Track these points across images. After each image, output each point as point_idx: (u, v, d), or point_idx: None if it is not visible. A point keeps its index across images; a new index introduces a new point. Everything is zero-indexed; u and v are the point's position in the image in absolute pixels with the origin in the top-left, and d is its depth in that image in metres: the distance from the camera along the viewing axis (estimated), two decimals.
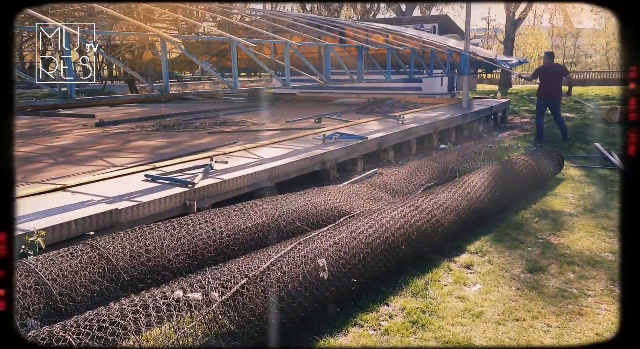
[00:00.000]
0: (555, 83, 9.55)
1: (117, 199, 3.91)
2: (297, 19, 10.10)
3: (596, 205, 5.34)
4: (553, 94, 9.54)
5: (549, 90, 9.52)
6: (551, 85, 9.49)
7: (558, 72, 9.76)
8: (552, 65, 9.77)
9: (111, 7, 9.18)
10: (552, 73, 9.57)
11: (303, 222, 3.75)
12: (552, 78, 9.52)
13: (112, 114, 11.09)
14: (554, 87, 9.54)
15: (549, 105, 9.64)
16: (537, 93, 10.00)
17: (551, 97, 9.54)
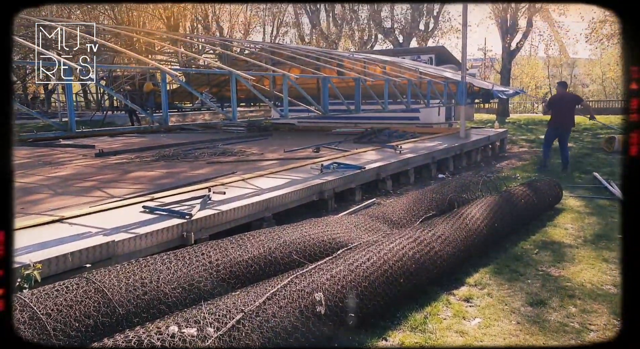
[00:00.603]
0: (568, 112, 9.39)
1: (114, 231, 3.90)
2: (295, 52, 10.28)
3: (597, 236, 5.32)
4: (565, 124, 9.41)
5: (561, 119, 9.39)
6: (564, 114, 9.37)
7: (571, 101, 9.58)
8: (565, 95, 9.66)
9: (112, 40, 9.40)
10: (566, 102, 9.44)
11: (300, 254, 3.72)
12: (565, 108, 9.38)
13: (112, 144, 11.17)
14: (567, 117, 9.39)
15: (559, 134, 9.49)
16: (548, 122, 9.79)
17: (562, 126, 9.41)
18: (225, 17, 31.94)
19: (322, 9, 29.63)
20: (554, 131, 9.55)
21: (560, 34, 30.84)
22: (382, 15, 28.01)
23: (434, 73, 11.98)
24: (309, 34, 31.42)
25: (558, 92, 9.85)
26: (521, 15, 27.09)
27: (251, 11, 33.31)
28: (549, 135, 9.68)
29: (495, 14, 27.41)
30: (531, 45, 33.89)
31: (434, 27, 28.21)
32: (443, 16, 28.52)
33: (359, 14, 29.21)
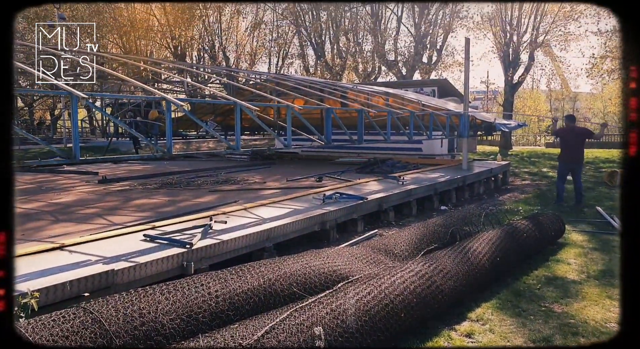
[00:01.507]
0: (578, 146, 9.42)
1: (114, 259, 3.88)
2: (299, 83, 10.44)
3: (600, 272, 5.26)
4: (576, 158, 9.40)
5: (571, 153, 9.37)
6: (574, 148, 9.37)
7: (581, 135, 9.55)
8: (574, 128, 9.60)
9: (120, 69, 9.60)
10: (575, 136, 9.43)
11: (300, 287, 3.69)
12: (575, 141, 9.39)
13: (116, 171, 11.23)
14: (578, 151, 9.42)
15: (571, 169, 9.43)
16: (559, 156, 9.76)
17: (574, 160, 9.39)
18: (232, 47, 32.56)
19: (327, 41, 30.20)
20: (566, 166, 9.47)
21: (561, 68, 31.27)
22: (386, 48, 28.51)
23: (437, 105, 12.11)
24: (313, 65, 31.92)
25: (567, 126, 9.75)
26: (523, 49, 27.55)
27: (257, 42, 33.97)
28: (562, 169, 9.56)
29: (497, 48, 27.87)
30: (533, 79, 34.27)
31: (437, 60, 28.64)
32: (446, 49, 29.00)
33: (363, 46, 29.75)
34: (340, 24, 28.94)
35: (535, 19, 26.98)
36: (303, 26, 29.78)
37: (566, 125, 9.82)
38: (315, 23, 28.86)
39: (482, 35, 28.56)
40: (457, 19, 28.30)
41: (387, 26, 29.34)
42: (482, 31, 28.36)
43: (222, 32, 30.61)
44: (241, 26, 33.01)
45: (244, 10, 32.35)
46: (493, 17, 27.99)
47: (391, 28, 29.53)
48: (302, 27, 29.81)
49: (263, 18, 33.56)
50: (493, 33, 27.72)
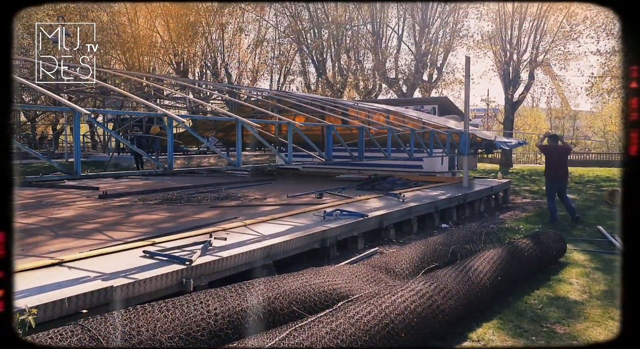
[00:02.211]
0: (564, 164, 9.77)
1: (113, 276, 3.86)
2: (301, 100, 10.51)
3: (602, 292, 5.22)
4: (562, 176, 9.72)
5: (558, 171, 9.66)
6: (559, 166, 9.69)
7: (563, 153, 9.95)
8: (557, 147, 9.92)
9: (122, 85, 9.68)
10: (559, 155, 9.79)
11: (300, 305, 3.66)
12: (561, 160, 9.76)
13: (116, 186, 11.23)
14: (562, 169, 9.75)
15: (558, 187, 9.66)
16: (545, 174, 9.97)
17: (560, 178, 9.68)
18: (234, 64, 32.86)
19: (328, 58, 30.47)
20: (553, 184, 9.70)
21: (561, 87, 31.48)
22: (387, 66, 28.74)
23: (437, 123, 12.16)
24: (315, 82, 32.16)
25: (550, 145, 9.99)
26: (523, 68, 27.79)
27: (259, 59, 34.30)
28: (550, 188, 9.77)
29: (497, 66, 28.11)
30: (533, 97, 34.52)
31: (437, 78, 28.85)
32: (446, 68, 29.22)
33: (363, 64, 30.00)
34: (342, 42, 29.24)
35: (535, 38, 27.26)
36: (305, 44, 30.09)
37: (550, 144, 10.02)
38: (316, 41, 29.17)
39: (483, 54, 28.84)
40: (457, 38, 28.59)
41: (388, 44, 29.64)
42: (482, 50, 28.64)
43: (224, 49, 30.94)
44: (243, 43, 33.39)
45: (247, 27, 32.77)
46: (493, 36, 28.29)
47: (392, 46, 29.84)
48: (303, 45, 30.12)
49: (265, 36, 33.98)
50: (493, 51, 27.98)
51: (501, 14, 27.67)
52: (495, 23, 28.10)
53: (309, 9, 29.14)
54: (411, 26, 28.90)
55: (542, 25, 27.14)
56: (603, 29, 21.16)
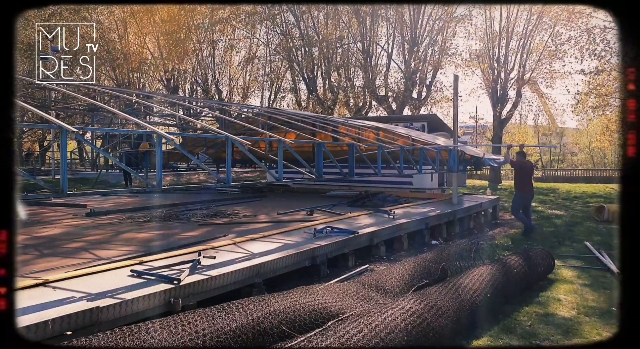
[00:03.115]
0: (529, 180, 10.43)
1: (99, 296, 3.80)
2: (291, 117, 10.55)
3: (590, 308, 5.24)
4: (530, 189, 10.37)
5: (528, 186, 10.26)
6: (527, 182, 10.31)
7: (530, 169, 10.58)
8: (525, 163, 10.46)
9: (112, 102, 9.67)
10: (527, 171, 10.41)
11: (290, 325, 3.62)
12: (530, 174, 10.43)
13: (104, 204, 11.12)
14: (530, 184, 10.39)
15: (529, 200, 10.28)
16: (517, 189, 10.38)
17: (530, 192, 10.35)
18: (225, 81, 33.00)
19: (319, 76, 30.70)
20: (525, 198, 10.24)
21: (548, 104, 31.97)
22: (377, 84, 29.02)
23: (426, 140, 12.25)
24: (305, 99, 32.35)
25: (519, 160, 10.39)
26: (510, 86, 28.23)
27: (250, 76, 34.48)
28: (519, 203, 10.25)
29: (485, 84, 28.53)
30: (520, 115, 34.99)
31: (426, 96, 29.16)
32: (435, 85, 29.56)
33: (354, 81, 30.26)
34: (332, 60, 29.51)
35: (521, 56, 27.78)
36: (295, 61, 30.32)
37: (518, 160, 10.42)
38: (307, 58, 29.41)
39: (471, 72, 29.27)
40: (446, 56, 29.00)
41: (378, 62, 29.97)
42: (470, 68, 29.08)
43: (215, 66, 31.08)
44: (234, 60, 33.61)
45: (238, 45, 33.00)
46: (481, 54, 28.78)
47: (381, 64, 30.18)
48: (294, 62, 30.35)
49: (256, 53, 34.21)
50: (481, 70, 28.43)
51: (489, 33, 28.22)
52: (483, 41, 28.61)
53: (299, 27, 29.46)
54: (400, 44, 29.30)
55: (529, 44, 27.70)
56: (587, 48, 21.61)
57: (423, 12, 28.04)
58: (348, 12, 28.94)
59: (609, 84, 22.22)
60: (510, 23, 27.60)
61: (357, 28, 28.89)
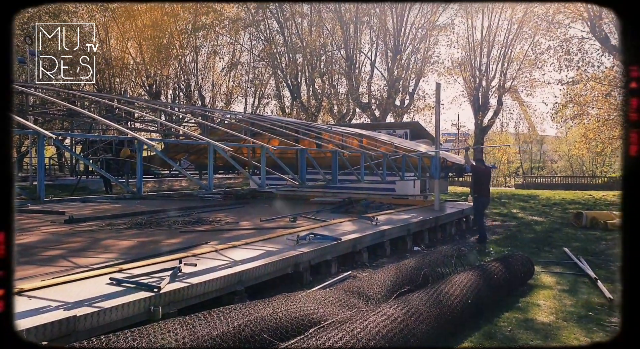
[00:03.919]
0: (488, 186, 10.58)
1: (76, 305, 3.73)
2: (274, 123, 10.54)
3: (569, 313, 5.32)
4: (488, 194, 10.52)
5: (485, 190, 10.38)
6: (487, 187, 10.47)
7: (489, 176, 10.74)
8: (485, 170, 10.56)
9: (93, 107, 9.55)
10: (489, 174, 10.62)
11: (271, 333, 3.60)
12: (487, 180, 10.52)
13: (83, 210, 10.94)
14: (488, 190, 10.57)
15: (485, 204, 10.42)
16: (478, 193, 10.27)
17: (487, 196, 10.48)
18: (208, 87, 32.88)
19: (302, 82, 30.79)
20: (484, 203, 10.41)
21: (528, 112, 32.54)
22: (360, 91, 29.21)
23: (409, 147, 12.35)
24: (289, 105, 32.39)
25: (480, 167, 10.48)
26: (492, 94, 28.68)
27: (233, 82, 34.41)
28: (481, 208, 10.33)
29: (467, 92, 28.95)
30: (502, 122, 35.58)
31: (409, 103, 29.45)
32: (418, 93, 29.90)
33: (337, 88, 30.44)
34: (316, 67, 29.65)
35: (502, 65, 28.28)
36: (279, 68, 30.37)
37: (478, 166, 10.54)
38: (291, 65, 29.49)
39: (453, 80, 29.71)
40: (428, 64, 29.40)
41: (361, 70, 30.22)
42: (452, 76, 29.51)
43: (198, 72, 30.94)
44: (218, 66, 33.51)
45: (221, 51, 32.93)
46: (463, 63, 29.23)
47: (365, 72, 30.44)
48: (278, 68, 30.40)
49: (240, 59, 34.19)
50: (463, 78, 28.87)
51: (470, 42, 28.69)
52: (465, 50, 29.08)
53: (283, 34, 29.55)
54: (384, 52, 29.62)
55: (509, 53, 28.23)
56: (565, 58, 22.08)
57: (406, 21, 28.41)
58: (332, 20, 29.16)
59: (586, 94, 22.70)
60: (492, 32, 28.12)
61: (341, 35, 29.10)
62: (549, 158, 59.30)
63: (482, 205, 10.32)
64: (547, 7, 23.11)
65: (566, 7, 21.61)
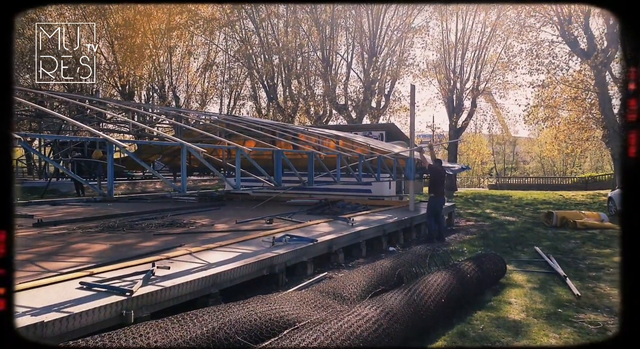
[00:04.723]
0: (443, 183, 10.76)
1: (44, 310, 3.64)
2: (250, 124, 10.49)
3: (538, 310, 5.43)
4: (442, 193, 10.57)
5: (440, 189, 10.47)
6: (441, 185, 10.59)
7: (443, 176, 10.85)
8: (440, 170, 10.63)
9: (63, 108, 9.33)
10: (443, 174, 10.70)
11: (246, 335, 3.58)
12: (442, 179, 10.68)
13: (53, 213, 10.68)
14: (442, 187, 10.70)
15: (441, 204, 10.40)
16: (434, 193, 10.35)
17: (442, 195, 10.51)
18: (182, 88, 32.49)
19: (279, 83, 30.72)
20: (440, 203, 10.38)
21: (501, 114, 33.16)
22: (337, 93, 29.32)
23: (385, 148, 12.45)
24: (266, 106, 32.26)
25: (436, 167, 10.55)
26: (466, 96, 29.12)
27: (209, 83, 34.10)
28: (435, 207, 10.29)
29: (442, 94, 29.33)
30: (476, 124, 36.15)
31: (385, 105, 29.68)
32: (393, 95, 30.16)
33: (314, 90, 30.47)
34: (292, 68, 29.62)
35: (476, 67, 28.75)
36: (255, 69, 30.23)
37: (434, 166, 10.62)
38: (267, 66, 29.38)
39: (428, 82, 30.07)
40: (404, 66, 29.67)
41: (338, 71, 30.32)
42: (427, 78, 29.86)
43: (172, 72, 30.55)
44: (192, 67, 33.14)
45: (196, 51, 32.58)
46: (438, 65, 29.60)
47: (341, 73, 30.55)
48: (254, 69, 30.25)
49: (215, 59, 33.89)
50: (438, 80, 29.23)
51: (445, 44, 29.08)
52: (440, 52, 29.47)
53: (259, 34, 29.42)
54: (360, 54, 29.78)
55: (483, 55, 28.71)
56: (536, 61, 22.60)
57: (382, 22, 28.63)
58: (308, 21, 29.18)
59: (556, 96, 23.28)
60: (466, 35, 28.56)
61: (317, 36, 29.15)
62: (521, 159, 60.59)
63: (438, 205, 10.30)
64: (519, 11, 23.64)
65: (537, 11, 22.15)
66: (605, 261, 8.20)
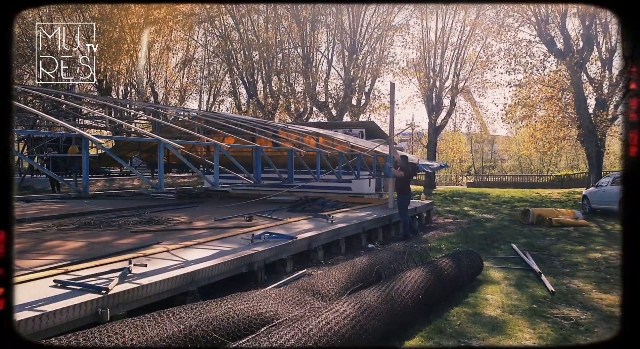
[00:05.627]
0: (409, 183, 10.77)
1: (17, 309, 3.55)
2: (229, 121, 10.42)
3: (514, 306, 5.54)
4: (409, 191, 10.63)
5: (408, 188, 10.56)
6: (408, 184, 10.65)
7: (412, 174, 11.09)
8: (408, 166, 10.72)
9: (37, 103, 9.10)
10: (409, 174, 10.77)
11: (223, 332, 3.56)
12: (410, 178, 10.84)
13: (27, 210, 10.45)
14: (409, 187, 10.73)
15: (408, 201, 10.49)
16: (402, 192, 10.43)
17: (409, 193, 10.58)
18: (161, 83, 32.04)
19: (259, 80, 30.54)
20: (407, 201, 10.44)
21: (480, 113, 33.57)
22: (317, 90, 29.29)
23: (364, 146, 12.50)
24: (245, 103, 32.04)
25: (404, 164, 10.63)
26: (445, 94, 29.41)
27: (187, 78, 33.71)
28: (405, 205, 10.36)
29: (422, 92, 29.54)
30: (455, 122, 36.53)
31: (365, 103, 29.77)
32: (374, 93, 30.27)
33: (294, 87, 30.37)
34: (272, 65, 29.47)
35: (456, 66, 29.05)
36: (235, 65, 29.98)
37: (402, 164, 10.69)
38: (247, 62, 29.18)
39: (408, 80, 30.22)
40: (384, 64, 29.79)
41: (318, 68, 30.29)
42: (407, 76, 30.02)
43: (150, 68, 30.09)
44: (171, 62, 32.69)
45: (175, 46, 32.15)
46: (418, 63, 29.81)
47: (322, 70, 30.53)
48: (234, 65, 30.00)
49: (194, 55, 33.50)
50: (418, 78, 29.42)
51: (425, 43, 29.29)
52: (420, 51, 29.65)
53: (239, 30, 29.19)
54: (340, 51, 29.79)
55: (462, 54, 29.01)
56: (513, 61, 22.92)
57: (362, 20, 28.69)
58: (288, 17, 29.05)
59: (533, 96, 23.68)
60: (446, 34, 28.81)
61: (298, 33, 29.04)
62: (499, 157, 61.55)
63: (404, 203, 10.36)
64: (497, 10, 23.95)
65: (515, 11, 22.47)
66: (579, 258, 8.39)
